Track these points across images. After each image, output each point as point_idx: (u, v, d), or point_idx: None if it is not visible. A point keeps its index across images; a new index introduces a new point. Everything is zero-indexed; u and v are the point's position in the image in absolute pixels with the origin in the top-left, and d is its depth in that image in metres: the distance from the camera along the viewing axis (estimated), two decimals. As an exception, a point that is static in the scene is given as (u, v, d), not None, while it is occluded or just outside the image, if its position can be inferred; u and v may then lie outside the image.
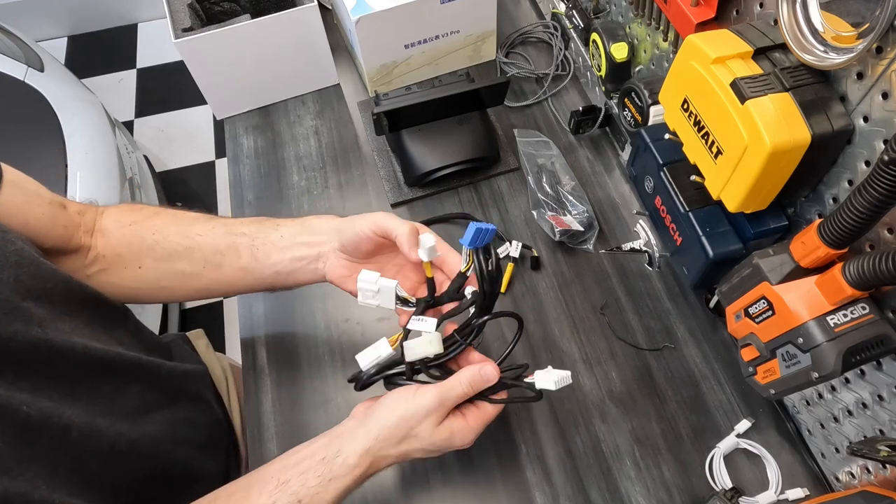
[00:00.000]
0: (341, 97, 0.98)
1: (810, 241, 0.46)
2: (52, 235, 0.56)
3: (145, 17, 2.50)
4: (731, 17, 0.58)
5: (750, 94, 0.46)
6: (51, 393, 0.47)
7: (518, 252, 0.78)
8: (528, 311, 0.76)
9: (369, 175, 0.89)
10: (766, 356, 0.53)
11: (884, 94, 0.44)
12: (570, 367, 0.72)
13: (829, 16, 0.45)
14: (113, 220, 0.62)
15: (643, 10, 0.70)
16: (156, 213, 0.63)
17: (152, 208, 0.64)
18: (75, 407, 0.49)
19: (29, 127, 1.37)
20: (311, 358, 0.74)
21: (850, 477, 0.61)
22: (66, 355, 0.49)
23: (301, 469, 0.51)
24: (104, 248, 0.60)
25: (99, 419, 0.51)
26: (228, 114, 0.96)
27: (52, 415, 0.46)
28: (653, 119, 0.70)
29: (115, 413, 0.54)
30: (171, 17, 0.85)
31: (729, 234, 0.61)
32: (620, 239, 0.81)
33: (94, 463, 0.50)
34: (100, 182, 1.35)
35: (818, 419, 0.63)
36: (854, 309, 0.46)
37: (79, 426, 0.48)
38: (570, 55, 0.96)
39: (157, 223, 0.62)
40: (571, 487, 0.65)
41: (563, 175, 0.84)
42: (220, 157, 2.14)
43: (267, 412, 0.70)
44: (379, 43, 0.89)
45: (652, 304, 0.77)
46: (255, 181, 0.90)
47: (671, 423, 0.69)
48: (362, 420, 0.53)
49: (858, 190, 0.40)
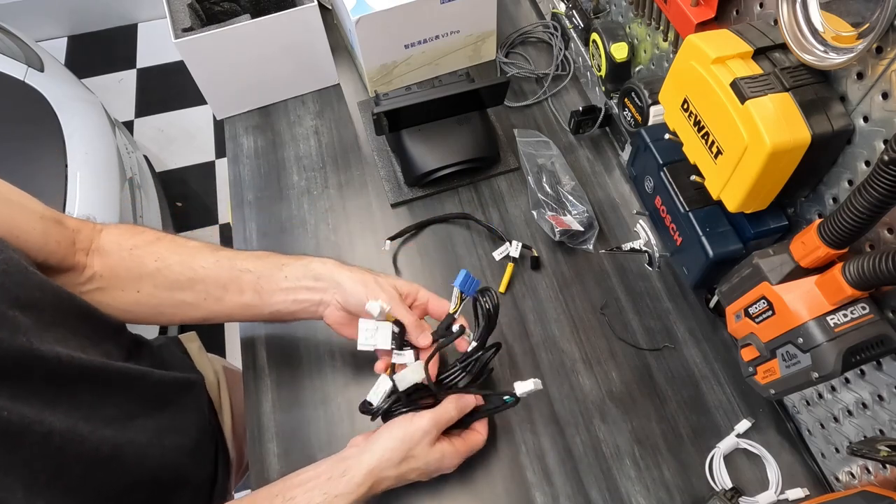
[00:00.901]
0: (341, 97, 0.98)
1: (810, 241, 0.46)
2: (44, 250, 0.55)
3: (145, 17, 2.50)
4: (731, 17, 0.58)
5: (750, 94, 0.46)
6: (32, 400, 0.47)
7: (518, 252, 0.78)
8: (528, 311, 0.76)
9: (369, 175, 0.89)
10: (766, 356, 0.53)
11: (884, 94, 0.44)
12: (571, 366, 0.72)
13: (829, 16, 0.45)
14: (112, 241, 0.61)
15: (643, 10, 0.70)
16: (157, 238, 0.63)
17: (154, 233, 0.64)
18: (57, 413, 0.49)
19: (29, 127, 1.37)
20: (311, 358, 0.74)
21: (850, 477, 0.61)
22: (51, 364, 0.49)
23: (307, 487, 0.55)
24: (101, 267, 0.60)
25: (82, 424, 0.51)
26: (228, 114, 0.96)
27: (33, 420, 0.46)
28: (653, 119, 0.70)
29: (97, 420, 0.53)
30: (171, 17, 0.85)
31: (729, 234, 0.61)
32: (620, 239, 0.81)
33: (78, 468, 0.50)
34: (100, 182, 1.35)
35: (818, 419, 0.63)
36: (854, 309, 0.46)
37: (61, 431, 0.48)
38: (570, 55, 0.96)
39: (159, 250, 0.62)
40: (571, 487, 0.65)
41: (563, 175, 0.84)
42: (220, 157, 2.14)
43: (267, 412, 0.70)
44: (379, 43, 0.89)
45: (652, 304, 0.77)
46: (255, 181, 0.90)
47: (671, 423, 0.69)
48: (364, 446, 0.58)
49: (858, 190, 0.40)
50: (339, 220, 0.85)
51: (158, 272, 0.61)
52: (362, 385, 0.71)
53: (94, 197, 1.31)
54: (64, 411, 0.50)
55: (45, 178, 1.28)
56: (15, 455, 0.44)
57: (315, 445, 0.68)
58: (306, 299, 0.63)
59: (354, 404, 0.68)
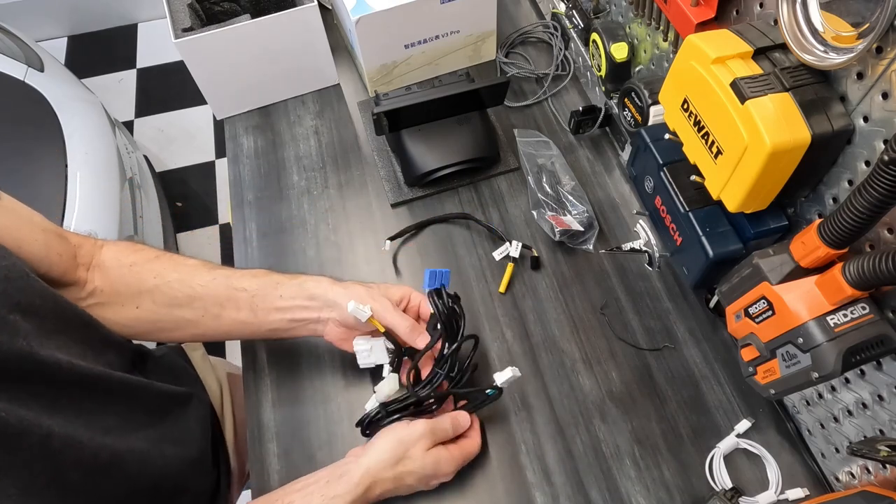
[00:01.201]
0: (341, 97, 0.98)
1: (810, 241, 0.46)
2: (45, 262, 0.56)
3: (145, 17, 2.50)
4: (731, 17, 0.58)
5: (750, 94, 0.46)
6: (31, 403, 0.47)
7: (518, 252, 0.78)
8: (528, 311, 0.76)
9: (369, 175, 0.89)
10: (766, 356, 0.53)
11: (884, 94, 0.44)
12: (571, 366, 0.72)
13: (829, 16, 0.45)
14: (112, 258, 0.62)
15: (643, 10, 0.70)
16: (156, 256, 0.64)
17: (153, 251, 0.65)
18: (56, 418, 0.49)
19: (29, 127, 1.37)
20: (311, 358, 0.73)
21: (850, 477, 0.61)
22: (50, 370, 0.49)
23: (305, 493, 0.56)
24: (102, 283, 0.61)
25: (81, 430, 0.51)
26: (228, 114, 0.96)
27: (31, 423, 0.46)
28: (653, 119, 0.70)
29: (97, 427, 0.53)
30: (171, 17, 0.85)
31: (729, 234, 0.61)
32: (620, 239, 0.81)
33: (76, 474, 0.50)
34: (100, 182, 1.35)
35: (818, 419, 0.63)
36: (854, 309, 0.46)
37: (60, 436, 0.48)
38: (570, 55, 0.96)
39: (158, 267, 0.63)
40: (571, 487, 0.65)
41: (563, 175, 0.84)
42: (220, 157, 2.14)
43: (267, 412, 0.70)
44: (379, 43, 0.89)
45: (652, 304, 0.77)
46: (255, 181, 0.90)
47: (671, 423, 0.69)
48: (362, 452, 0.60)
49: (858, 190, 0.40)
50: (339, 220, 0.85)
51: (157, 289, 0.62)
52: (362, 385, 0.71)
53: (94, 197, 1.31)
54: (63, 416, 0.50)
55: (45, 178, 1.28)
56: (14, 457, 0.44)
57: (315, 445, 0.68)
58: (302, 318, 0.65)
59: (354, 404, 0.68)
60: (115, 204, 1.36)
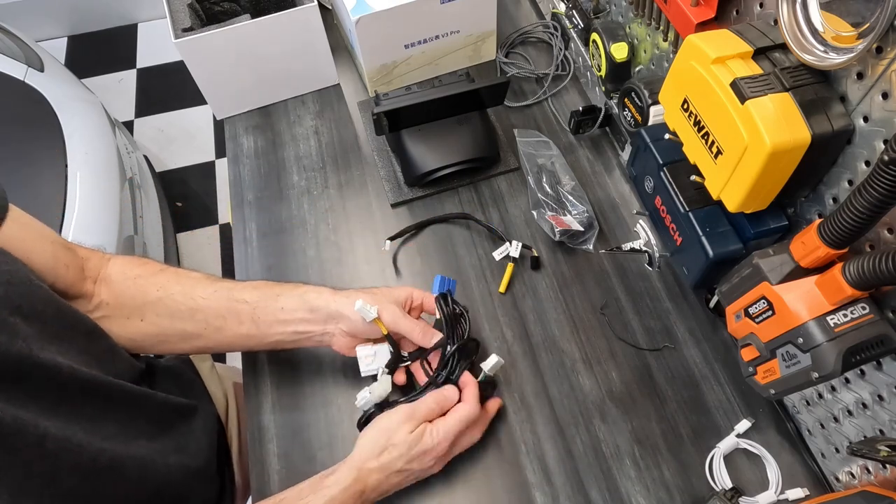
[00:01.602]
0: (341, 97, 0.98)
1: (810, 241, 0.46)
2: (52, 273, 0.56)
3: (145, 17, 2.50)
4: (731, 17, 0.58)
5: (750, 94, 0.46)
6: (29, 405, 0.47)
7: (518, 252, 0.78)
8: (528, 311, 0.76)
9: (369, 175, 0.89)
10: (766, 356, 0.53)
11: (884, 94, 0.44)
12: (571, 366, 0.72)
13: (829, 16, 0.45)
14: (118, 271, 0.63)
15: (643, 10, 0.70)
16: (161, 269, 0.65)
17: (157, 264, 0.66)
18: (54, 420, 0.49)
19: (29, 127, 1.37)
20: (312, 359, 0.73)
21: (850, 477, 0.61)
22: (50, 373, 0.49)
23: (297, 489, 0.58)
24: (108, 296, 0.62)
25: (80, 434, 0.51)
26: (228, 114, 0.96)
27: (27, 423, 0.46)
28: (653, 119, 0.70)
29: (97, 433, 0.53)
30: (171, 17, 0.85)
31: (729, 234, 0.61)
32: (620, 239, 0.81)
33: (74, 477, 0.49)
34: (100, 182, 1.35)
35: (818, 419, 0.63)
36: (854, 309, 0.46)
37: (56, 437, 0.48)
38: (570, 55, 0.96)
39: (161, 280, 0.63)
40: (571, 487, 0.65)
41: (563, 175, 0.84)
42: (220, 157, 2.14)
43: (267, 413, 0.70)
44: (379, 43, 0.89)
45: (652, 304, 0.77)
46: (255, 181, 0.90)
47: (671, 423, 0.69)
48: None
49: (858, 190, 0.40)
50: (339, 220, 0.85)
51: (160, 301, 0.62)
52: (362, 387, 0.71)
53: (94, 197, 1.31)
54: (62, 420, 0.50)
55: (45, 178, 1.28)
56: (9, 456, 0.44)
57: (315, 446, 0.68)
58: (307, 330, 0.65)
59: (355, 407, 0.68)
60: (115, 204, 1.36)
